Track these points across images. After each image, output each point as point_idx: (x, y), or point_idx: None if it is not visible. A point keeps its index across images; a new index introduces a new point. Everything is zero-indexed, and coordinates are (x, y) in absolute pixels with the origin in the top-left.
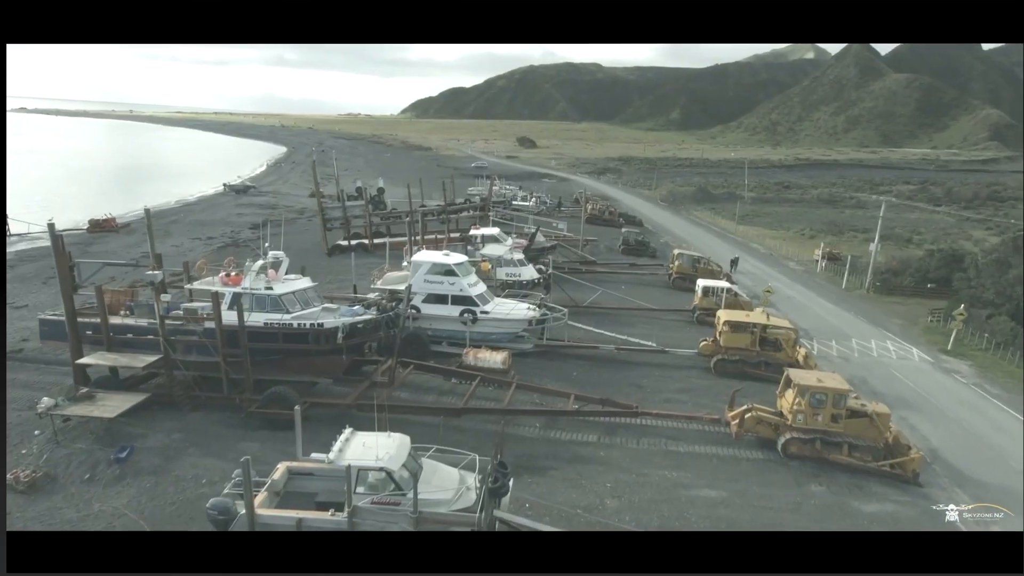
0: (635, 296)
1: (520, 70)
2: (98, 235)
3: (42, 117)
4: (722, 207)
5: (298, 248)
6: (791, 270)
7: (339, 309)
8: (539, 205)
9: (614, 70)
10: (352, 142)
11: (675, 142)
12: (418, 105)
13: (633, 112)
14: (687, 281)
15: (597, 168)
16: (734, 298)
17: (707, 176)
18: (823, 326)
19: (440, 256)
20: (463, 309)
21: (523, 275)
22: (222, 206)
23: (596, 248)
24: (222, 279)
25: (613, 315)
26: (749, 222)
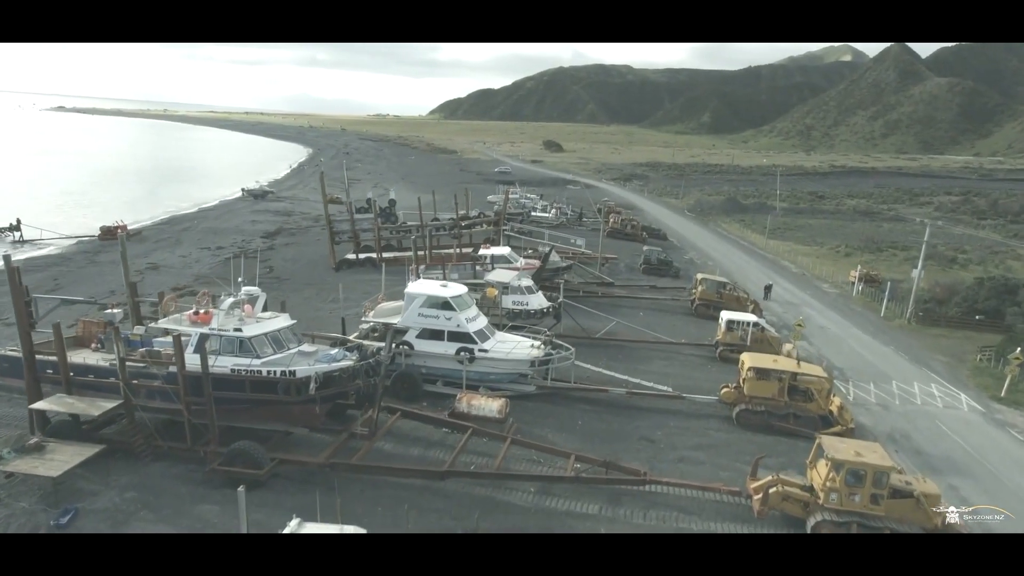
0: (654, 325)
1: (549, 71)
2: (108, 242)
3: (78, 116)
4: (752, 219)
5: (307, 260)
6: (824, 293)
7: (317, 352)
8: (559, 216)
9: (644, 72)
10: (378, 144)
11: (705, 146)
12: (446, 106)
13: (663, 115)
14: (711, 309)
15: (623, 174)
16: (761, 333)
17: (737, 184)
18: (860, 364)
19: (436, 288)
20: (460, 347)
21: (531, 304)
22: (238, 212)
23: (615, 267)
24: (189, 317)
25: (628, 349)
26: (780, 236)
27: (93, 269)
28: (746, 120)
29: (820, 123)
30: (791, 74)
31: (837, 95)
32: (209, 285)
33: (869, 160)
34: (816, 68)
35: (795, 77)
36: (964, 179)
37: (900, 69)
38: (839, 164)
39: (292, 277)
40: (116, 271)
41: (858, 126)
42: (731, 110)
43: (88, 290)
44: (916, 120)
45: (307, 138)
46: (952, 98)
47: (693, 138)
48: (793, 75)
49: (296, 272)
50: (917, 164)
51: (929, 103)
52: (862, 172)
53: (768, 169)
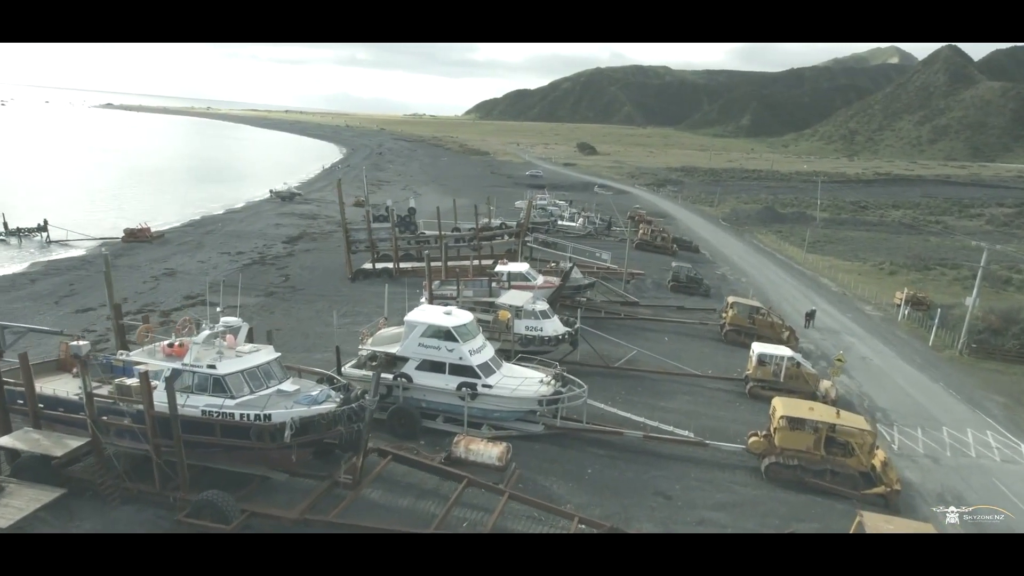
0: (679, 352)
1: (586, 72)
2: (131, 244)
3: (125, 113)
4: (790, 230)
5: (324, 268)
6: (867, 317)
7: (298, 392)
8: (587, 225)
9: (683, 73)
10: (412, 144)
11: (743, 150)
12: (482, 106)
13: (701, 117)
14: (742, 335)
15: (657, 179)
16: (796, 368)
17: (775, 192)
18: (906, 404)
19: (438, 316)
20: (461, 382)
21: (545, 329)
22: (263, 215)
23: (642, 284)
24: (163, 349)
25: (649, 381)
26: (820, 250)
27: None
28: (787, 123)
29: (864, 127)
30: (835, 76)
31: (883, 98)
32: (196, 310)
33: (915, 167)
34: (861, 70)
35: (839, 79)
36: (1018, 188)
37: (950, 72)
38: (883, 171)
39: (306, 287)
40: (132, 276)
41: (904, 131)
42: (771, 113)
43: (100, 297)
44: (966, 125)
45: (343, 137)
46: (1005, 103)
47: (731, 141)
48: (837, 77)
49: (311, 281)
50: (966, 172)
51: (981, 108)
52: (908, 180)
53: (809, 176)
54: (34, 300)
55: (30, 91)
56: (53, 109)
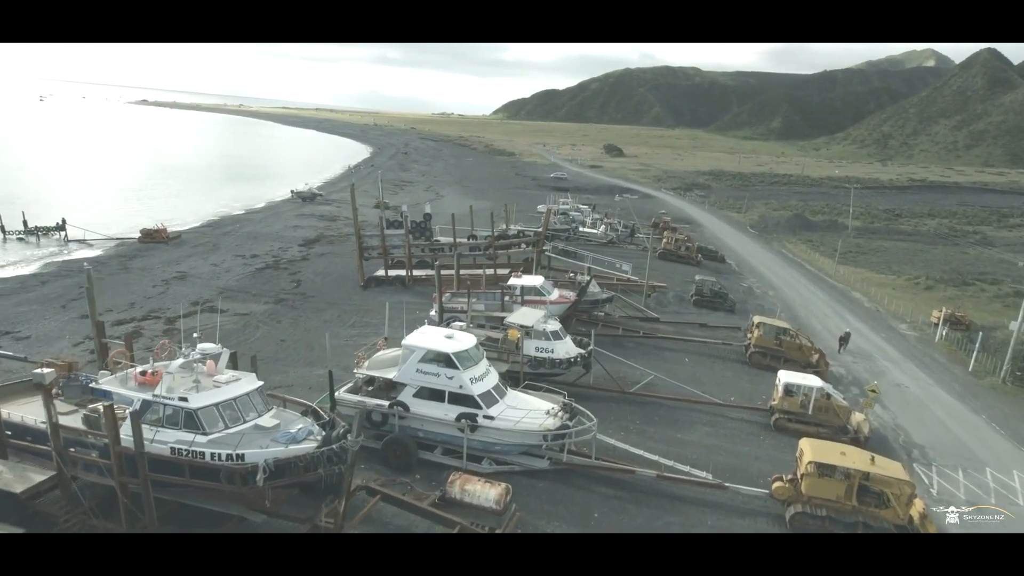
0: (700, 376)
1: (615, 73)
2: (148, 245)
3: (158, 110)
4: (821, 239)
5: (338, 274)
6: (902, 338)
7: (277, 427)
8: (609, 232)
9: (713, 74)
10: (438, 144)
11: (774, 153)
12: (510, 106)
13: (731, 119)
14: (768, 358)
15: (684, 183)
16: (826, 400)
17: (806, 198)
18: (945, 440)
19: (438, 341)
20: (461, 412)
21: (556, 351)
22: (282, 216)
23: (663, 297)
24: (136, 377)
25: (666, 408)
26: (852, 261)
27: (122, 276)
28: (819, 127)
29: (898, 131)
30: (868, 79)
31: (918, 102)
32: (203, 318)
33: (951, 173)
34: (896, 73)
35: (873, 82)
36: None
37: (989, 76)
38: (918, 177)
39: (318, 294)
40: (143, 280)
41: (940, 136)
42: (803, 116)
43: (109, 301)
44: (1005, 131)
45: (370, 136)
46: None
47: (761, 144)
48: (871, 80)
49: (323, 288)
50: (1005, 179)
51: (1020, 112)
52: (943, 187)
53: (840, 181)
54: (41, 303)
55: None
56: (89, 105)
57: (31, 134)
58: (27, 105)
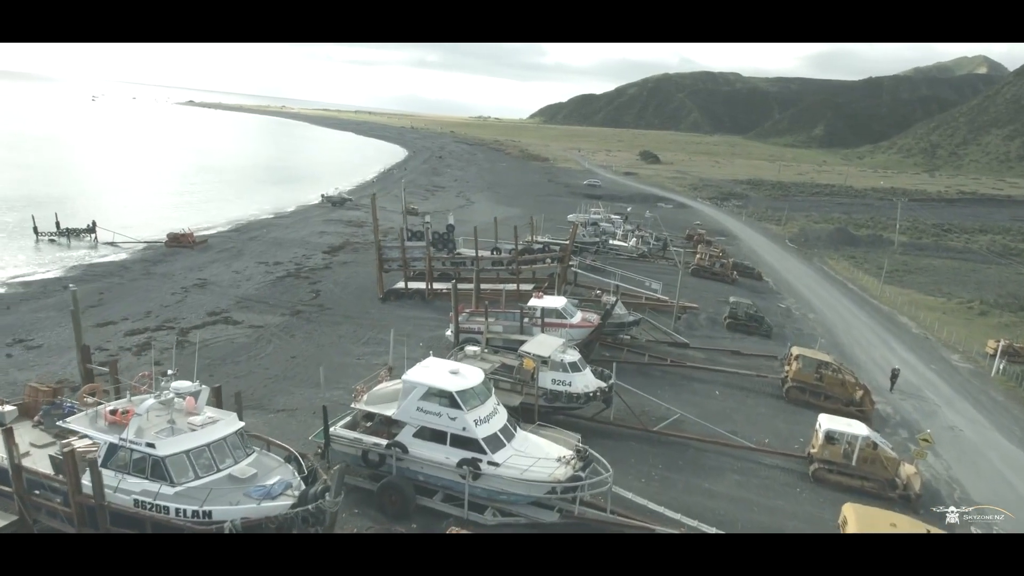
0: (732, 412)
1: (653, 78)
2: (174, 250)
3: (203, 111)
4: (865, 255)
5: (357, 285)
6: (954, 370)
7: (253, 478)
8: (641, 246)
9: (754, 80)
10: (472, 148)
11: (815, 162)
12: (547, 110)
13: (771, 126)
14: (806, 394)
15: (721, 192)
16: (872, 451)
17: (849, 209)
18: (1007, 497)
19: (441, 377)
20: (462, 458)
21: (574, 385)
22: (310, 221)
23: (694, 320)
24: (106, 415)
25: (693, 451)
26: (898, 280)
27: (144, 283)
28: (863, 135)
29: (947, 141)
30: (916, 86)
31: (968, 111)
32: (217, 328)
33: (1004, 186)
34: (945, 81)
35: (920, 89)
36: None
37: None
38: (968, 190)
39: (335, 306)
40: (163, 287)
41: (991, 146)
42: (847, 123)
43: (127, 308)
44: None
45: (406, 139)
46: None
47: (802, 152)
48: (919, 87)
49: (341, 300)
50: None
51: None
52: (996, 201)
53: (886, 193)
54: (59, 310)
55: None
56: (138, 105)
57: (80, 133)
58: (80, 105)
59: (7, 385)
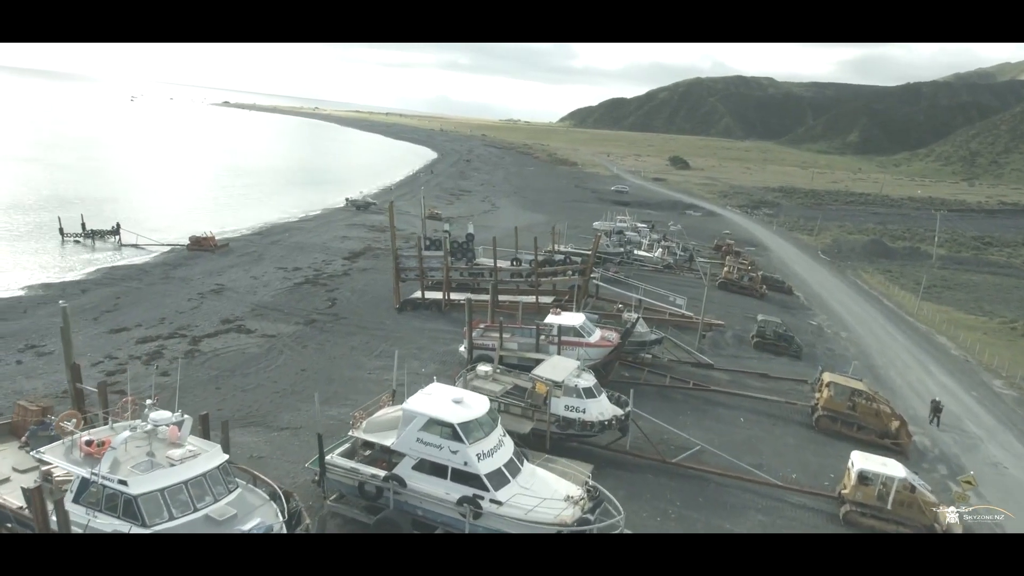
0: (757, 442)
1: (684, 82)
2: (195, 253)
3: (238, 112)
4: (901, 269)
5: (374, 294)
6: (997, 397)
7: (232, 520)
8: (667, 257)
9: (788, 85)
10: (501, 151)
11: (850, 169)
12: (577, 114)
13: (805, 132)
14: (838, 423)
15: (752, 200)
16: (910, 494)
17: (885, 219)
18: None
19: (443, 406)
20: (463, 495)
21: (589, 412)
22: (333, 225)
23: (720, 338)
24: (81, 446)
25: (714, 487)
26: (936, 297)
27: (161, 287)
28: (900, 142)
29: (988, 149)
30: (956, 92)
31: (1011, 118)
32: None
33: None
34: (987, 87)
35: (961, 96)
36: None
37: None
38: (1010, 200)
39: (350, 315)
40: (180, 292)
41: None
42: (883, 130)
43: (142, 314)
44: None
45: (435, 142)
46: None
47: (836, 158)
48: (959, 93)
49: (357, 309)
50: None
51: None
52: None
53: (923, 202)
54: (75, 315)
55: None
56: (175, 106)
57: (117, 134)
58: (119, 105)
59: (11, 394)
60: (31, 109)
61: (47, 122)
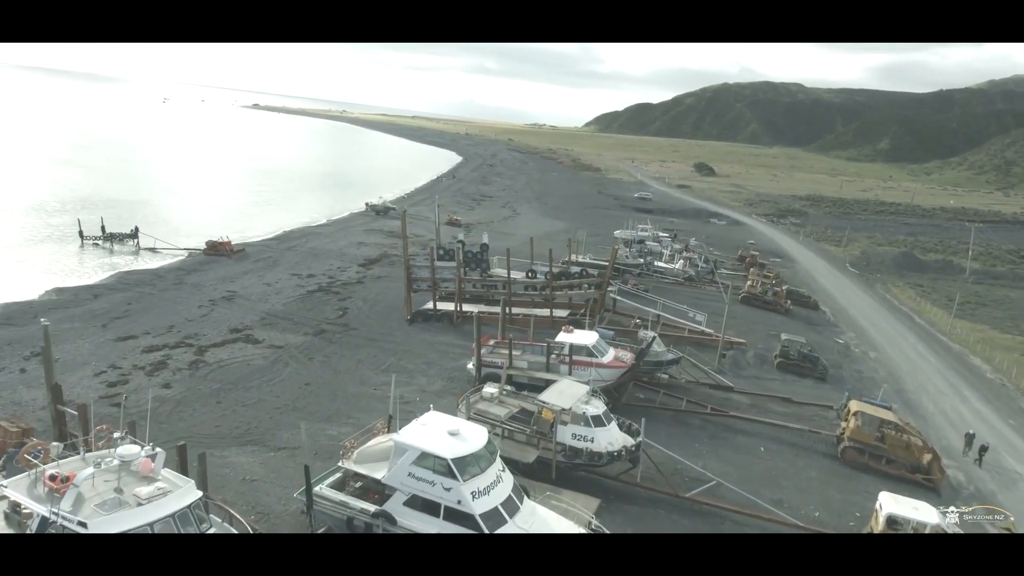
0: (779, 473)
1: (712, 88)
2: (211, 258)
3: (267, 114)
4: (933, 283)
5: (386, 304)
6: None
7: None
8: (688, 269)
9: (817, 91)
10: (525, 156)
11: (880, 177)
12: (602, 119)
13: (834, 139)
14: (865, 456)
15: (778, 209)
16: None
17: (916, 231)
18: None
19: (437, 440)
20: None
21: (597, 441)
22: (351, 230)
23: (741, 357)
24: (45, 480)
25: (731, 524)
26: (970, 314)
27: (173, 294)
28: (932, 150)
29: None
30: (991, 100)
31: None
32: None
33: None
34: (1022, 94)
35: (996, 103)
36: None
37: None
38: None
39: (360, 326)
40: (191, 298)
41: None
42: (914, 137)
43: (151, 322)
44: None
45: (460, 146)
46: None
47: (866, 166)
48: (994, 100)
49: (367, 319)
50: None
51: None
52: None
53: (955, 213)
54: (84, 321)
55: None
56: (207, 108)
57: (148, 136)
58: (151, 106)
59: (11, 405)
60: (65, 110)
61: (80, 124)
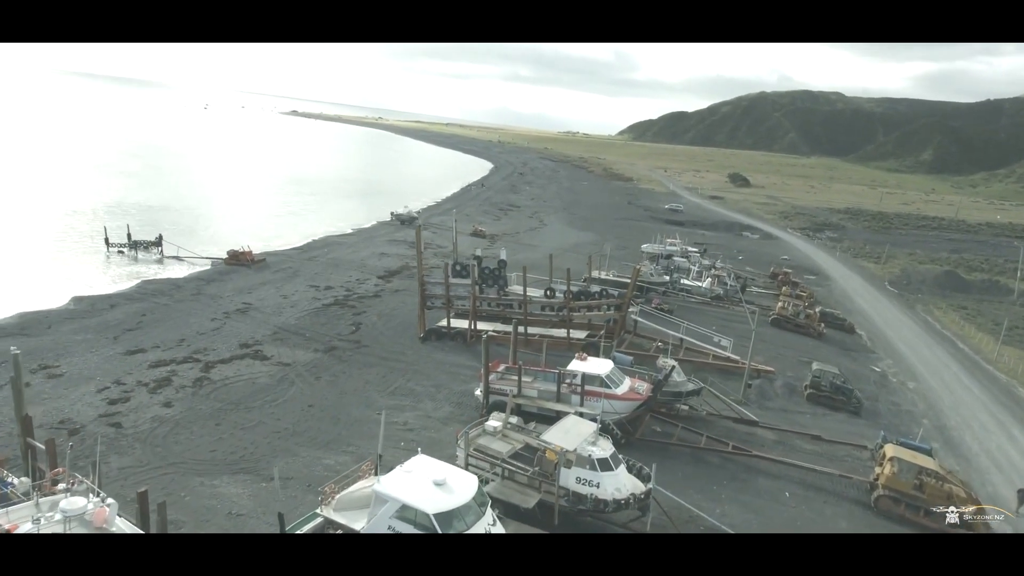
0: (806, 522)
1: (749, 96)
2: (232, 268)
3: (305, 121)
4: (978, 306)
5: (401, 320)
6: None
7: None
8: (716, 288)
9: (857, 100)
10: (556, 164)
11: (923, 189)
12: (636, 127)
13: (875, 149)
14: (901, 507)
15: (814, 222)
16: None
17: (960, 247)
18: None
19: (420, 491)
20: None
21: (603, 488)
22: (374, 240)
23: (768, 386)
24: None
25: None
26: (1018, 341)
27: (189, 305)
28: (977, 161)
29: None
30: None
31: None
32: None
33: None
34: None
35: None
36: None
37: None
38: None
39: (372, 343)
40: (206, 310)
41: None
42: (959, 148)
43: (162, 334)
44: None
45: (492, 153)
46: None
47: (907, 178)
48: None
49: (381, 336)
50: None
51: None
52: None
53: (1003, 228)
54: (97, 332)
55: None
56: (246, 115)
57: (187, 142)
58: (192, 113)
59: (8, 422)
60: (106, 116)
61: (120, 129)
